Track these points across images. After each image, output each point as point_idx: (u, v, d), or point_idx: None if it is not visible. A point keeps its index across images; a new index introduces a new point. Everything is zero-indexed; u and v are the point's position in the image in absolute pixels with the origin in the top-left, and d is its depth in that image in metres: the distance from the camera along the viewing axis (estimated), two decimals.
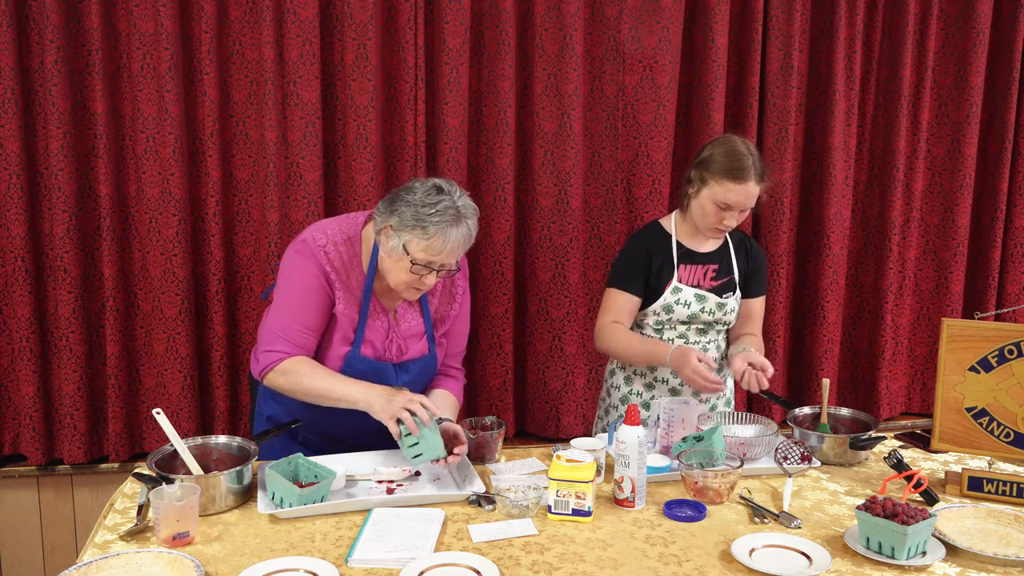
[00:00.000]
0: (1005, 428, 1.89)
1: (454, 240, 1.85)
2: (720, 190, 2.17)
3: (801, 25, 3.13)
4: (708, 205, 2.21)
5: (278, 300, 1.98)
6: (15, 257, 2.69)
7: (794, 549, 1.60)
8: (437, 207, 1.83)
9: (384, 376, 1.98)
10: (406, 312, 2.04)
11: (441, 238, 1.83)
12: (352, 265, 1.97)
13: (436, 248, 1.84)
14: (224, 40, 2.76)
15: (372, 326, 1.98)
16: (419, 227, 1.83)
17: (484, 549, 1.60)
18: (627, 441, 1.75)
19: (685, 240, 2.33)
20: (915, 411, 3.57)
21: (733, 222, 2.22)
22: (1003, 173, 3.36)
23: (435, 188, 1.87)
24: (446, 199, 1.85)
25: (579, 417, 3.15)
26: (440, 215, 1.83)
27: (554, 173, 3.00)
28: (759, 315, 2.41)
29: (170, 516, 1.58)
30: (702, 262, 2.32)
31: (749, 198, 2.18)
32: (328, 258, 1.94)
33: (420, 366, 2.05)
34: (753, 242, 2.43)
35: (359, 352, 1.96)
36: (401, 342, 2.02)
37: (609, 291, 2.33)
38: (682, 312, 2.27)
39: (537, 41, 2.94)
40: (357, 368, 1.96)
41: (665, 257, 2.30)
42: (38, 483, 2.86)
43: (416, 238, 1.84)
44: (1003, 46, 3.31)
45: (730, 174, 2.15)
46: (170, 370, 2.82)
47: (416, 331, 2.04)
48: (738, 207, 2.19)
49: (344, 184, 2.89)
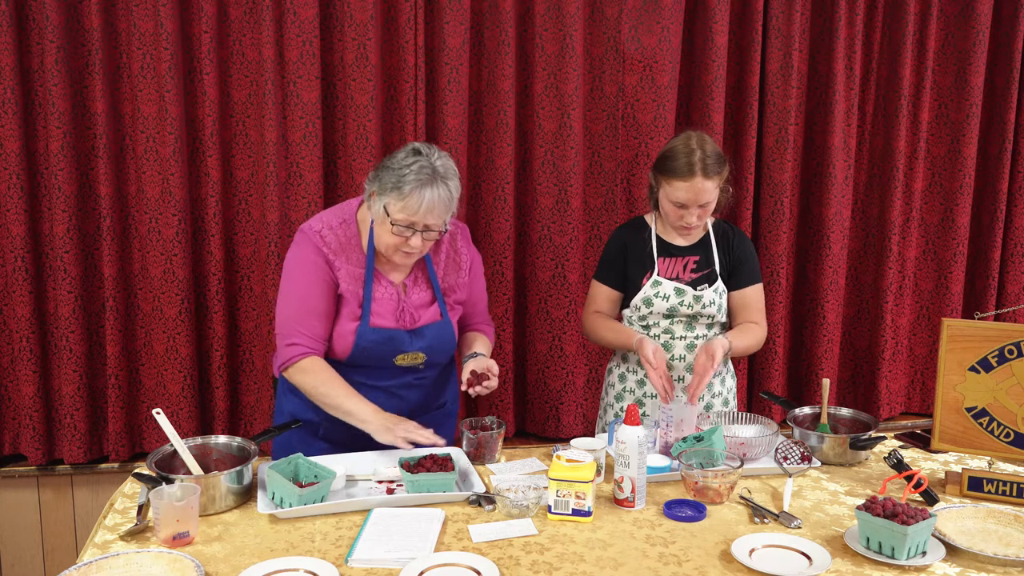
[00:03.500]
0: (1005, 428, 1.89)
1: (429, 199, 1.90)
2: (670, 189, 2.18)
3: (801, 25, 3.13)
4: (666, 204, 2.23)
5: (284, 289, 2.04)
6: (15, 257, 2.69)
7: (794, 549, 1.60)
8: (412, 167, 1.91)
9: (398, 342, 2.03)
10: (414, 285, 2.09)
11: (416, 197, 1.89)
12: (351, 245, 2.03)
13: (412, 207, 1.90)
14: (224, 40, 2.76)
15: (381, 299, 2.03)
16: (395, 188, 1.91)
17: (484, 549, 1.60)
18: (627, 441, 1.75)
19: (664, 234, 2.33)
20: (915, 411, 3.57)
21: (694, 219, 2.21)
22: (1003, 173, 3.36)
23: (413, 151, 1.95)
24: (422, 159, 1.92)
25: (579, 417, 3.15)
26: (415, 175, 1.90)
27: (554, 173, 3.00)
28: (756, 304, 2.35)
29: (170, 516, 1.58)
30: (681, 254, 2.31)
31: (700, 194, 2.15)
32: (324, 240, 2.00)
33: (434, 331, 2.08)
34: (737, 231, 2.38)
35: (368, 324, 2.01)
36: (413, 311, 2.07)
37: (592, 283, 2.42)
38: (661, 305, 2.27)
39: (537, 41, 2.94)
40: (369, 339, 2.00)
41: (643, 250, 2.31)
42: (38, 483, 2.86)
43: (393, 199, 1.91)
44: (1003, 46, 3.31)
45: (675, 173, 2.15)
46: (170, 370, 2.82)
47: (426, 300, 2.09)
48: (692, 204, 2.17)
49: (344, 184, 2.89)
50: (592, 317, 2.38)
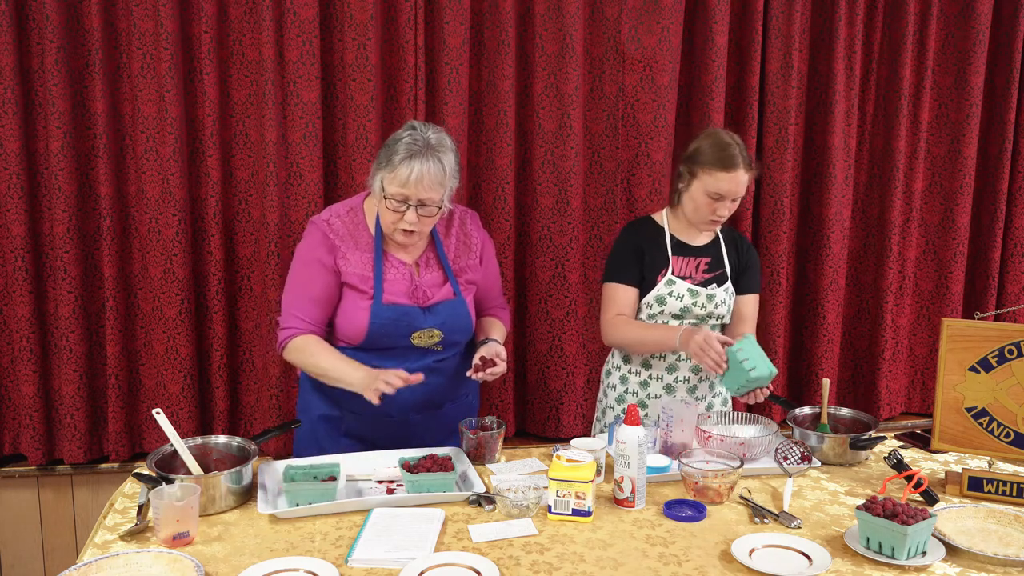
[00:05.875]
0: (1005, 428, 1.89)
1: (419, 171, 1.92)
2: (711, 180, 2.19)
3: (801, 25, 3.13)
4: (700, 197, 2.23)
5: (288, 278, 2.10)
6: (15, 257, 2.69)
7: (794, 549, 1.60)
8: (403, 140, 1.94)
9: (412, 318, 2.05)
10: (426, 265, 2.12)
11: (405, 168, 1.92)
12: (358, 230, 2.07)
13: (402, 179, 1.92)
14: (224, 40, 2.76)
15: (393, 279, 2.06)
16: (388, 162, 1.95)
17: (484, 549, 1.60)
18: (627, 441, 1.75)
19: (678, 233, 2.34)
20: (915, 411, 3.57)
21: (726, 212, 2.24)
22: (1003, 173, 3.36)
23: (409, 126, 1.99)
24: (414, 134, 1.95)
25: (579, 417, 3.15)
26: (406, 148, 1.93)
27: (554, 173, 3.00)
28: (751, 312, 2.39)
29: (170, 516, 1.58)
30: (695, 255, 2.33)
31: (739, 186, 2.21)
32: (331, 227, 2.05)
33: (448, 308, 2.10)
34: (744, 238, 2.44)
35: (382, 302, 2.03)
36: (426, 290, 2.09)
37: (607, 286, 2.34)
38: (675, 305, 2.27)
39: (537, 41, 2.94)
40: (384, 316, 2.03)
41: (658, 249, 2.31)
42: (38, 483, 2.86)
43: (386, 173, 1.95)
44: (1003, 46, 3.31)
45: (720, 163, 2.18)
46: (170, 370, 2.82)
47: (438, 280, 2.12)
48: (730, 196, 2.21)
49: (344, 184, 2.89)
50: (615, 321, 2.31)
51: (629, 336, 2.29)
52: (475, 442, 2.01)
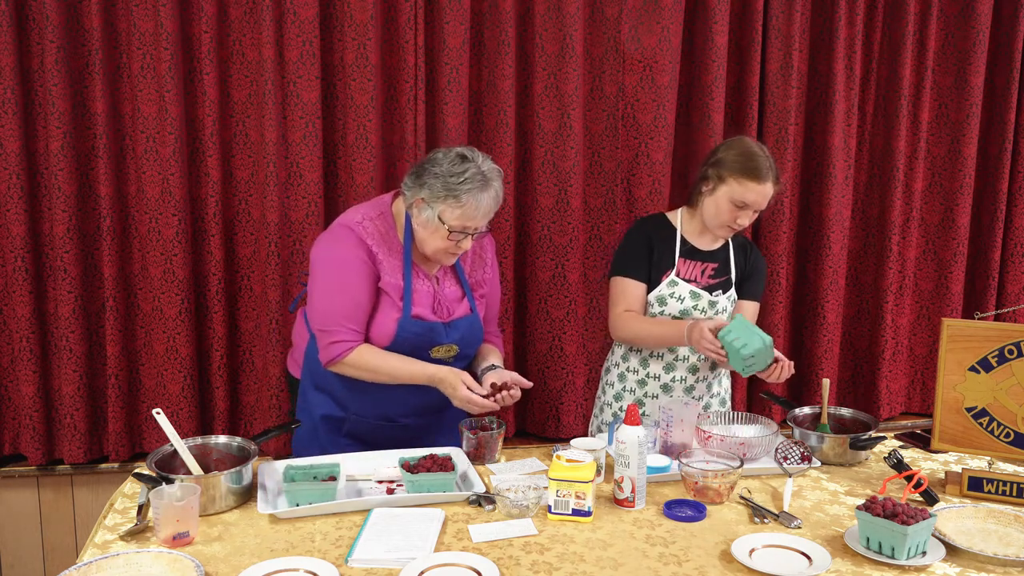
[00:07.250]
0: (1005, 428, 1.89)
1: (486, 205, 1.96)
2: (739, 189, 2.18)
3: (801, 25, 3.13)
4: (724, 203, 2.22)
5: (326, 283, 2.02)
6: (15, 257, 2.69)
7: (794, 549, 1.60)
8: (465, 175, 1.93)
9: (436, 335, 2.06)
10: (444, 278, 2.13)
11: (474, 204, 1.93)
12: (390, 236, 2.06)
13: (470, 214, 1.94)
14: (224, 40, 2.76)
15: (419, 291, 2.06)
16: (451, 196, 1.93)
17: (484, 549, 1.60)
18: (627, 441, 1.75)
19: (690, 236, 2.33)
20: (915, 411, 3.57)
21: (746, 221, 2.24)
22: (1003, 173, 3.36)
23: (459, 156, 1.96)
24: (472, 166, 1.94)
25: (579, 417, 3.15)
26: (470, 182, 1.93)
27: (554, 173, 3.00)
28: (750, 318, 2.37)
29: (170, 516, 1.58)
30: (703, 259, 2.32)
31: (765, 198, 2.21)
32: (367, 231, 2.03)
33: (466, 324, 2.12)
34: (754, 247, 2.44)
35: (410, 315, 2.02)
36: (448, 304, 2.10)
37: (615, 280, 2.33)
38: (675, 306, 2.27)
39: (537, 41, 2.94)
40: (411, 331, 2.03)
41: (667, 248, 2.31)
42: (38, 483, 2.86)
43: (450, 207, 1.93)
44: (1003, 46, 3.31)
45: (750, 174, 2.17)
46: (170, 370, 2.82)
47: (457, 295, 2.13)
48: (754, 207, 2.21)
49: (344, 184, 2.89)
50: (624, 317, 2.30)
51: (639, 331, 2.29)
52: (475, 442, 2.01)
